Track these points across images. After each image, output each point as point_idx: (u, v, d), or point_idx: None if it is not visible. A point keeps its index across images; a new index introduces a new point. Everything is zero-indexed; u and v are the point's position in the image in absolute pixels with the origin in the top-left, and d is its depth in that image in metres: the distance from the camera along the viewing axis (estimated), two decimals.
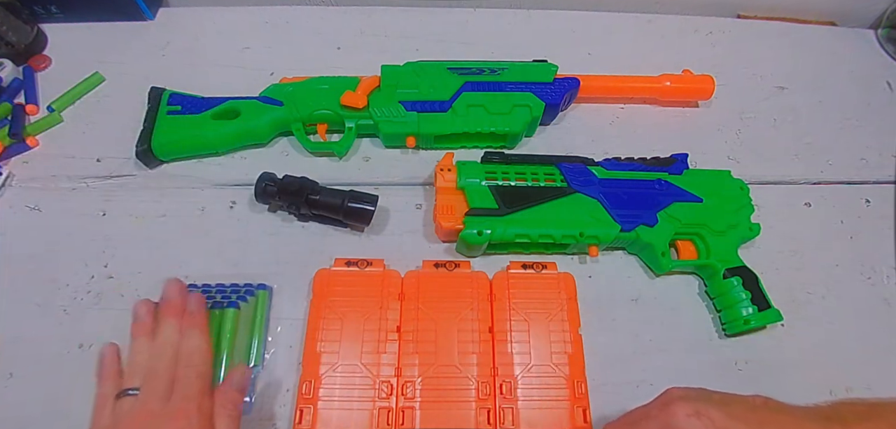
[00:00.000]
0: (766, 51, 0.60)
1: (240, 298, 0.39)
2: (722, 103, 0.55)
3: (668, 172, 0.46)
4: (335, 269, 0.43)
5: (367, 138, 0.52)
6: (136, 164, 0.48)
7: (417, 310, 0.41)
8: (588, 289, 0.44)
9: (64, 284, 0.43)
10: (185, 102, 0.49)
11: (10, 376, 0.39)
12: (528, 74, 0.50)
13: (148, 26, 0.58)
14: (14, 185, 0.47)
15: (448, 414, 0.37)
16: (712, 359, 0.42)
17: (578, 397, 0.38)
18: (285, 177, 0.45)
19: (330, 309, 0.41)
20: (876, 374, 0.42)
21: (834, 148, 0.53)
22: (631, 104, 0.55)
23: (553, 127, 0.53)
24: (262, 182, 0.45)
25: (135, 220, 0.46)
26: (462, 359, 0.39)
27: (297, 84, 0.50)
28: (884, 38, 0.61)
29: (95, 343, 0.40)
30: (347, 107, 0.48)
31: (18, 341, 0.41)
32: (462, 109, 0.48)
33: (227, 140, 0.48)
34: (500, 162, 0.46)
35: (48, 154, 0.49)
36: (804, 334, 0.43)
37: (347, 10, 0.60)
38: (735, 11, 0.63)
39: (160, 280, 0.42)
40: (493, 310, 0.41)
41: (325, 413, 0.37)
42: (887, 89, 0.58)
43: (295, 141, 0.50)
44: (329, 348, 0.39)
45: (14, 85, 0.52)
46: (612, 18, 0.61)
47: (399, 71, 0.50)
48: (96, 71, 0.54)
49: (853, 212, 0.50)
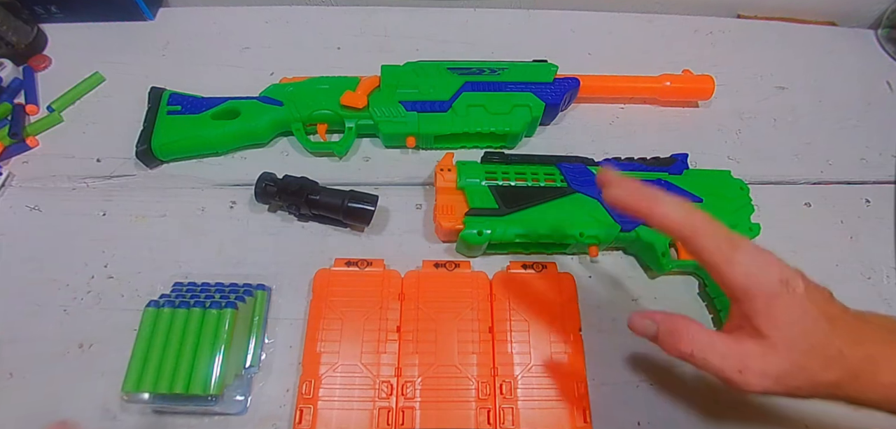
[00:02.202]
0: (766, 51, 0.60)
1: (238, 298, 0.39)
2: (722, 103, 0.55)
3: (668, 172, 0.46)
4: (335, 269, 0.43)
5: (367, 138, 0.52)
6: (136, 164, 0.48)
7: (417, 310, 0.41)
8: (588, 289, 0.44)
9: (64, 284, 0.43)
10: (185, 102, 0.49)
11: (10, 376, 0.39)
12: (528, 74, 0.50)
13: (148, 26, 0.58)
14: (14, 185, 0.48)
15: (448, 414, 0.37)
16: None
17: (578, 397, 0.38)
18: (285, 177, 0.45)
19: (330, 309, 0.41)
20: None
21: (834, 148, 0.53)
22: (631, 104, 0.55)
23: (553, 127, 0.53)
24: (263, 182, 0.45)
25: (135, 220, 0.46)
26: (462, 359, 0.39)
27: (297, 84, 0.50)
28: (884, 38, 0.61)
29: (95, 343, 0.41)
30: (347, 107, 0.48)
31: (18, 341, 0.41)
32: (462, 109, 0.48)
33: (227, 140, 0.48)
34: (500, 162, 0.46)
35: (48, 154, 0.49)
36: None
37: (347, 10, 0.60)
38: (735, 11, 0.63)
39: (160, 280, 0.42)
40: (493, 310, 0.41)
41: (325, 413, 0.37)
42: (887, 89, 0.58)
43: (295, 141, 0.50)
44: (329, 348, 0.39)
45: (14, 85, 0.52)
46: (612, 18, 0.61)
47: (399, 71, 0.50)
48: (96, 71, 0.54)
49: (853, 212, 0.50)
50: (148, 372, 0.36)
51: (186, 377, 0.36)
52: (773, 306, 0.27)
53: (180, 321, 0.38)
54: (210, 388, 0.36)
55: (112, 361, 0.39)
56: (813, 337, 0.27)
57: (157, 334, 0.37)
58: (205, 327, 0.37)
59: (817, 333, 0.27)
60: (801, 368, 0.27)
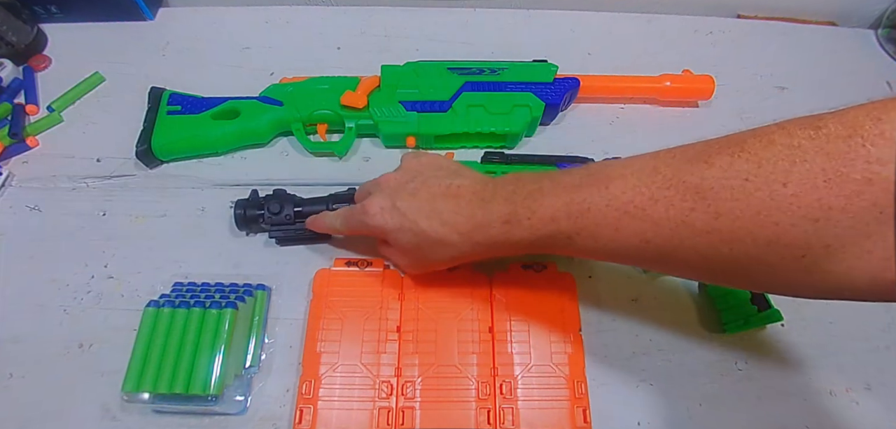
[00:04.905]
0: (766, 51, 0.60)
1: (238, 298, 0.39)
2: (722, 103, 0.55)
3: None
4: (335, 269, 0.43)
5: (367, 138, 0.52)
6: (136, 164, 0.48)
7: (417, 310, 0.41)
8: (588, 289, 0.44)
9: (64, 284, 0.43)
10: (185, 102, 0.49)
11: (10, 376, 0.39)
12: (528, 74, 0.50)
13: (148, 26, 0.58)
14: (14, 185, 0.48)
15: (448, 414, 0.37)
16: (712, 359, 0.42)
17: (578, 397, 0.38)
18: (264, 196, 0.44)
19: (330, 309, 0.41)
20: (876, 374, 0.42)
21: None
22: (631, 104, 0.55)
23: (553, 127, 0.53)
24: (240, 208, 0.43)
25: (135, 220, 0.46)
26: (462, 359, 0.39)
27: (297, 84, 0.50)
28: (884, 38, 0.61)
29: (95, 343, 0.41)
30: (347, 107, 0.48)
31: (18, 341, 0.41)
32: (462, 109, 0.48)
33: (227, 140, 0.48)
34: (500, 162, 0.46)
35: (48, 154, 0.49)
36: (804, 334, 0.43)
37: (347, 10, 0.60)
38: (735, 11, 0.63)
39: (160, 280, 0.42)
40: (493, 310, 0.41)
41: (325, 413, 0.37)
42: (887, 89, 0.58)
43: (295, 141, 0.50)
44: (329, 348, 0.39)
45: (14, 85, 0.52)
46: (612, 18, 0.61)
47: (399, 71, 0.50)
48: (96, 71, 0.54)
49: None
50: (148, 372, 0.36)
51: (186, 377, 0.36)
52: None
53: (180, 321, 0.38)
54: (210, 388, 0.36)
55: (112, 361, 0.39)
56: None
57: (157, 334, 0.37)
58: (205, 326, 0.37)
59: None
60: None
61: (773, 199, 0.24)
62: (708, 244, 0.26)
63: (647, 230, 0.28)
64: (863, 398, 0.41)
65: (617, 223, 0.29)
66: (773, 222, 0.24)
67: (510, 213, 0.32)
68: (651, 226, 0.28)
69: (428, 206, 0.35)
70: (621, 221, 0.29)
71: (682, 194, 0.27)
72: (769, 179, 0.24)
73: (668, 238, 0.28)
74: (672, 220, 0.27)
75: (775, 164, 0.24)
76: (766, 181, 0.24)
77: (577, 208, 0.30)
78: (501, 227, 0.33)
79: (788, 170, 0.24)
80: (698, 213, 0.26)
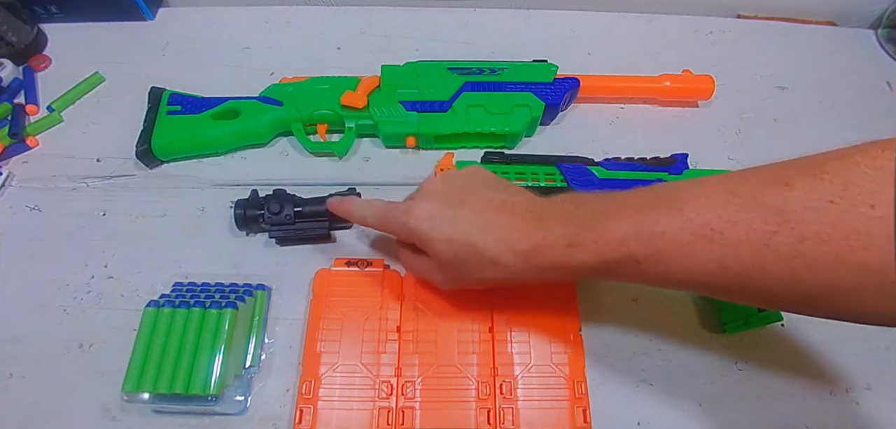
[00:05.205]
0: (766, 51, 0.60)
1: (238, 298, 0.39)
2: (722, 103, 0.55)
3: (668, 172, 0.46)
4: (335, 269, 0.43)
5: (367, 138, 0.52)
6: (136, 164, 0.48)
7: (417, 310, 0.41)
8: (588, 289, 0.44)
9: (64, 284, 0.43)
10: (185, 102, 0.49)
11: (10, 376, 0.39)
12: (528, 74, 0.50)
13: (148, 26, 0.58)
14: (14, 185, 0.48)
15: (448, 414, 0.37)
16: (712, 359, 0.42)
17: (578, 397, 0.38)
18: (264, 196, 0.44)
19: (330, 309, 0.41)
20: (876, 374, 0.42)
21: (834, 148, 0.53)
22: (631, 104, 0.55)
23: (553, 127, 0.53)
24: (240, 208, 0.43)
25: (135, 220, 0.46)
26: (462, 359, 0.39)
27: (297, 84, 0.50)
28: (884, 38, 0.61)
29: (95, 343, 0.41)
30: (347, 107, 0.48)
31: (18, 341, 0.41)
32: (462, 109, 0.48)
33: (227, 140, 0.48)
34: (500, 162, 0.46)
35: (48, 154, 0.49)
36: (804, 333, 0.43)
37: (347, 10, 0.60)
38: (735, 11, 0.63)
39: (160, 280, 0.42)
40: (493, 310, 0.41)
41: (325, 413, 0.37)
42: (887, 89, 0.58)
43: (295, 141, 0.50)
44: (329, 348, 0.39)
45: (14, 85, 0.52)
46: (612, 18, 0.61)
47: (399, 71, 0.50)
48: (96, 71, 0.54)
49: None
50: (148, 372, 0.36)
51: (186, 377, 0.36)
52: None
53: (180, 321, 0.38)
54: (210, 388, 0.36)
55: (112, 361, 0.39)
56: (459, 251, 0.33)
57: (157, 334, 0.37)
58: (205, 327, 0.37)
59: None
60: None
61: (862, 222, 0.23)
62: (789, 270, 0.25)
63: (726, 255, 0.26)
64: (863, 398, 0.41)
65: (691, 248, 0.27)
66: (862, 247, 0.23)
67: (574, 235, 0.30)
68: (730, 251, 0.26)
69: (481, 218, 0.32)
70: (696, 245, 0.27)
71: (764, 217, 0.25)
72: (856, 201, 0.23)
73: (748, 264, 0.26)
74: (753, 244, 0.25)
75: (861, 185, 0.23)
76: (853, 203, 0.23)
77: (648, 231, 0.28)
78: (563, 250, 0.30)
79: (876, 192, 0.23)
80: (782, 236, 0.24)
